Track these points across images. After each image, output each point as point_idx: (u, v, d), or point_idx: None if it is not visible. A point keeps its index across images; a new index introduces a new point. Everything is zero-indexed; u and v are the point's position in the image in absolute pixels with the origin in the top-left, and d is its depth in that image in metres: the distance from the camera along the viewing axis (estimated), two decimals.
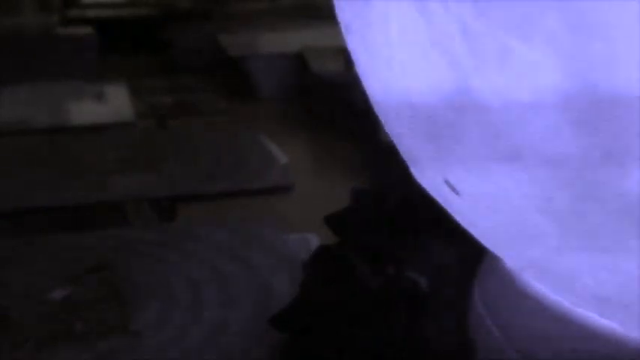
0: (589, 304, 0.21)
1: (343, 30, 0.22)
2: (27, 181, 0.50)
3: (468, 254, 0.28)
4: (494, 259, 0.25)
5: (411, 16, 0.18)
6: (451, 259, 0.29)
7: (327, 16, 0.28)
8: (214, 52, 0.80)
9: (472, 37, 0.16)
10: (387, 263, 0.29)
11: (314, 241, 0.39)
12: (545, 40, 0.15)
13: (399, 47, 0.19)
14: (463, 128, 0.18)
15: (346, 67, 0.63)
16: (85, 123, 0.64)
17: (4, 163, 0.53)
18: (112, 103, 0.68)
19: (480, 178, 0.19)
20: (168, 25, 0.87)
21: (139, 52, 0.88)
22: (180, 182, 0.50)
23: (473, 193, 0.20)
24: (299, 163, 0.55)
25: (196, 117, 0.67)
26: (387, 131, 0.23)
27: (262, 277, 0.36)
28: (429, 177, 0.22)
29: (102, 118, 0.65)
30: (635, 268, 0.17)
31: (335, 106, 0.63)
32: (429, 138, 0.20)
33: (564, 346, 0.22)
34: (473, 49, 0.16)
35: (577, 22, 0.14)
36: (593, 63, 0.15)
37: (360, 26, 0.21)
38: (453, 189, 0.20)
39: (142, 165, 0.53)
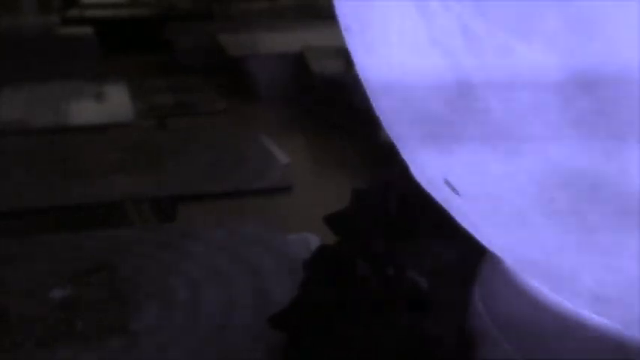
0: (589, 304, 0.21)
1: (343, 30, 0.22)
2: (27, 181, 0.50)
3: (468, 254, 0.28)
4: (495, 259, 0.25)
5: (411, 16, 0.18)
6: (451, 259, 0.29)
7: (327, 16, 0.28)
8: (214, 52, 0.80)
9: (472, 37, 0.16)
10: (387, 263, 0.29)
11: (314, 241, 0.39)
12: (545, 40, 0.15)
13: (399, 47, 0.19)
14: (463, 128, 0.18)
15: (346, 67, 0.63)
16: (85, 123, 0.64)
17: (4, 163, 0.53)
18: (112, 103, 0.69)
19: (480, 178, 0.19)
20: (168, 25, 0.88)
21: (139, 52, 0.88)
22: (180, 182, 0.50)
23: (473, 193, 0.20)
24: (299, 163, 0.55)
25: (196, 117, 0.67)
26: (387, 131, 0.23)
27: (262, 277, 0.36)
28: (429, 177, 0.22)
29: (102, 118, 0.65)
30: (635, 268, 0.17)
31: (335, 106, 0.63)
32: (429, 138, 0.20)
33: (564, 345, 0.22)
34: (473, 49, 0.16)
35: (577, 22, 0.14)
36: (593, 63, 0.15)
37: (360, 26, 0.21)
38: (453, 189, 0.20)
39: (142, 165, 0.53)
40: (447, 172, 0.20)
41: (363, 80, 0.22)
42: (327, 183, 0.52)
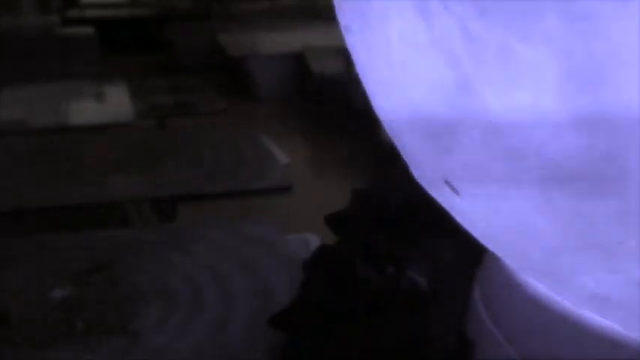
0: (589, 304, 0.21)
1: (343, 30, 0.22)
2: (27, 181, 0.50)
3: (468, 254, 0.28)
4: (495, 259, 0.25)
5: (411, 16, 0.18)
6: (451, 260, 0.29)
7: (327, 16, 0.28)
8: (214, 52, 0.80)
9: (472, 37, 0.16)
10: (387, 263, 0.29)
11: (314, 241, 0.39)
12: (545, 40, 0.15)
13: (399, 47, 0.19)
14: (463, 128, 0.18)
15: (346, 67, 0.63)
16: (84, 123, 0.64)
17: (4, 163, 0.53)
18: (111, 103, 0.69)
19: (480, 178, 0.19)
20: (168, 25, 0.88)
21: (139, 52, 0.89)
22: (181, 182, 0.50)
23: (473, 194, 0.20)
24: (299, 163, 0.55)
25: (196, 117, 0.67)
26: (387, 131, 0.23)
27: (262, 277, 0.36)
28: (429, 177, 0.22)
29: (102, 118, 0.65)
30: (635, 268, 0.17)
31: (335, 106, 0.63)
32: (429, 138, 0.20)
33: (564, 346, 0.22)
34: (473, 49, 0.16)
35: (577, 22, 0.14)
36: (593, 63, 0.15)
37: (360, 26, 0.21)
38: (453, 189, 0.20)
39: (142, 165, 0.53)
40: (446, 172, 0.20)
41: (363, 80, 0.22)
42: (327, 183, 0.52)
